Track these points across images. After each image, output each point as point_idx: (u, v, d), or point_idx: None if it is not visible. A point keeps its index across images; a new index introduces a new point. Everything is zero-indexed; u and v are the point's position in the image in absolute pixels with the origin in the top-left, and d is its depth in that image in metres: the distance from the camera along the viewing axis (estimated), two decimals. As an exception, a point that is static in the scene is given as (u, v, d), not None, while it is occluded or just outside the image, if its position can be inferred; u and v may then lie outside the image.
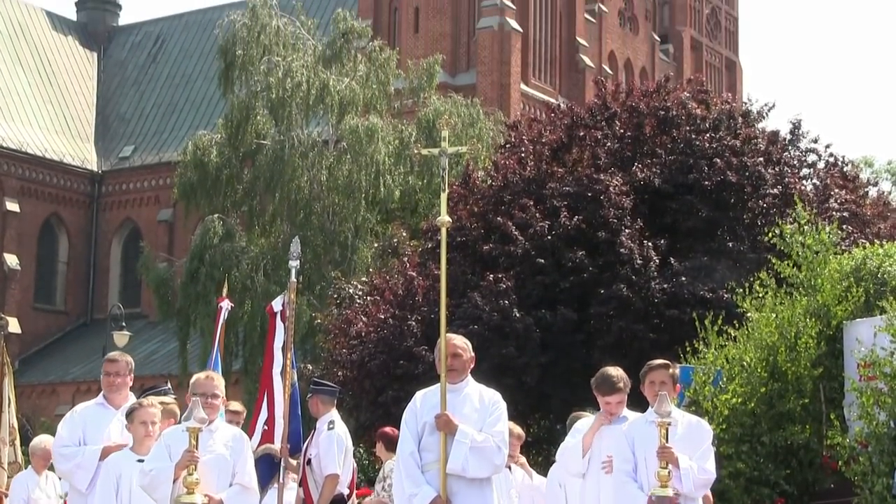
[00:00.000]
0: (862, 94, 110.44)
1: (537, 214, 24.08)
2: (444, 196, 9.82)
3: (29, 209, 55.78)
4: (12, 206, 54.94)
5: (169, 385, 11.68)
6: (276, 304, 11.77)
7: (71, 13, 65.19)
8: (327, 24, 43.17)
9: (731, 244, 24.06)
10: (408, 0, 51.08)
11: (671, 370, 9.45)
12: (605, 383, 9.80)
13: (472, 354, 9.08)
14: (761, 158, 25.16)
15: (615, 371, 9.85)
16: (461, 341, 9.09)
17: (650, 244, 23.59)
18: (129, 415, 9.57)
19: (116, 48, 64.10)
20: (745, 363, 14.62)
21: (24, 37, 60.41)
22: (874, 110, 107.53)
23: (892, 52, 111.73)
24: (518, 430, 11.97)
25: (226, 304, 13.44)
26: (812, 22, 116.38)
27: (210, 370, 10.94)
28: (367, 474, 23.77)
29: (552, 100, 47.49)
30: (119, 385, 10.21)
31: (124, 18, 66.01)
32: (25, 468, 13.58)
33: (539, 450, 22.69)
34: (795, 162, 26.65)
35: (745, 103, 27.83)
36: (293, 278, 11.60)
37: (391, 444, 11.99)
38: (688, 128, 25.41)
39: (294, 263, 11.62)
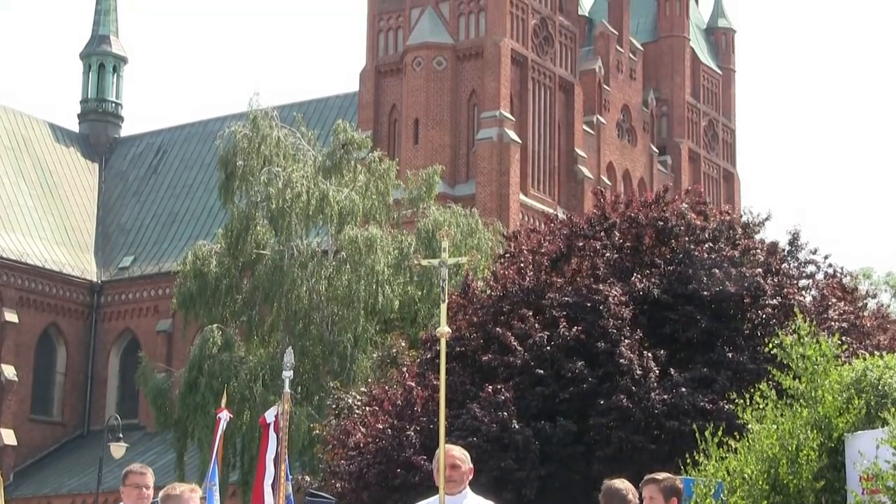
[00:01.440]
0: (860, 206, 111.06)
1: (536, 325, 24.03)
2: (443, 306, 9.81)
3: (27, 320, 55.72)
4: (11, 317, 54.88)
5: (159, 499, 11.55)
6: (269, 415, 11.69)
7: (73, 125, 65.75)
8: (327, 135, 43.48)
9: (730, 355, 23.96)
10: (407, 111, 51.53)
11: (662, 484, 9.32)
12: (616, 497, 9.62)
13: (471, 466, 9.01)
14: (760, 269, 25.16)
15: (622, 484, 9.70)
16: (460, 452, 9.02)
17: (650, 355, 23.51)
18: None
19: (118, 159, 64.52)
20: (746, 475, 14.45)
21: (27, 148, 60.85)
22: (872, 222, 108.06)
23: (889, 164, 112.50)
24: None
25: (224, 415, 13.36)
26: (810, 135, 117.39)
27: (200, 484, 10.81)
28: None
29: (551, 210, 47.69)
30: (148, 497, 10.00)
31: (126, 130, 66.52)
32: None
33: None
34: (794, 273, 26.65)
35: (744, 214, 27.90)
36: (286, 389, 11.54)
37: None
38: (687, 238, 25.45)
39: (287, 374, 11.56)
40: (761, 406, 15.26)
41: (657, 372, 23.43)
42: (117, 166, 64.09)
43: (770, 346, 16.04)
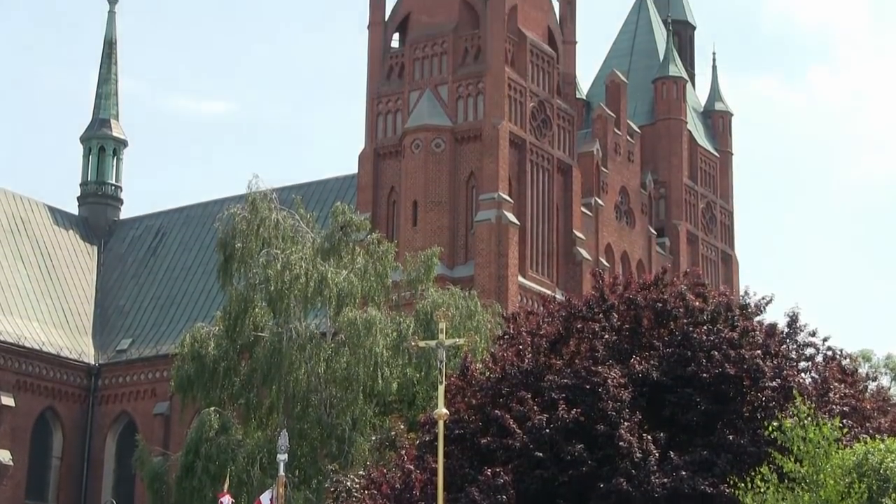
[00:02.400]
0: (859, 289, 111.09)
1: (535, 407, 23.95)
2: (441, 388, 9.78)
3: (24, 403, 55.45)
4: (7, 401, 54.62)
5: None
6: (265, 499, 11.61)
7: (73, 208, 65.90)
8: (326, 217, 43.53)
9: (731, 437, 23.86)
10: (406, 193, 51.68)
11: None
12: None
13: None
14: (759, 351, 25.13)
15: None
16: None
17: (649, 437, 23.41)
18: None
19: (117, 242, 64.59)
20: (748, 560, 14.33)
21: (26, 231, 60.96)
22: (872, 304, 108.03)
23: (888, 246, 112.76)
24: None
25: (227, 500, 13.25)
26: (808, 216, 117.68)
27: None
28: None
29: (549, 292, 47.68)
30: None
31: (126, 212, 66.69)
32: None
33: None
34: (794, 355, 26.62)
35: (743, 296, 27.91)
36: (281, 472, 11.47)
37: None
38: (685, 320, 25.45)
39: (282, 457, 11.49)
40: (763, 490, 15.16)
41: (657, 455, 23.31)
42: (116, 249, 64.14)
43: (770, 429, 15.96)
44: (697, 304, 25.88)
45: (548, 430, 23.48)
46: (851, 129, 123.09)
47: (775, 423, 15.71)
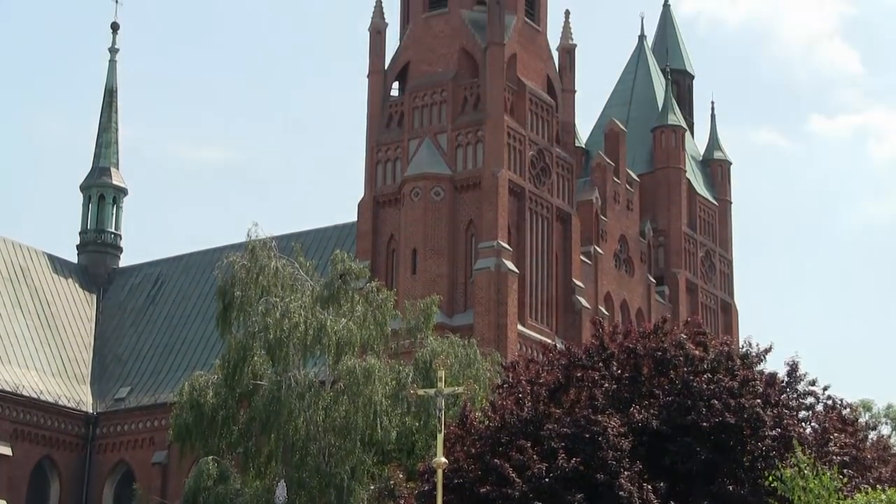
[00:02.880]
0: (860, 337, 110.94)
1: (535, 456, 23.88)
2: (440, 437, 9.74)
3: (21, 452, 55.22)
4: (4, 450, 54.39)
5: None
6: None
7: (72, 256, 65.92)
8: (325, 265, 43.54)
9: (731, 487, 23.79)
10: (405, 241, 51.70)
11: None
12: None
13: None
14: (759, 400, 25.09)
15: None
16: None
17: (650, 487, 23.33)
18: None
19: (116, 290, 64.56)
20: None
21: (25, 280, 60.94)
22: (872, 353, 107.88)
23: (889, 294, 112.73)
24: None
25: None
26: (807, 265, 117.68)
27: None
28: None
29: (549, 340, 47.56)
30: None
31: (125, 260, 66.72)
32: None
33: None
34: (794, 404, 26.59)
35: (744, 346, 27.90)
36: (280, 523, 11.40)
37: None
38: (685, 369, 25.42)
39: (281, 508, 11.43)
40: (763, 540, 15.06)
41: (657, 504, 23.21)
42: (115, 297, 64.10)
43: (771, 478, 15.90)
44: (697, 352, 25.86)
45: (547, 480, 23.40)
46: (850, 176, 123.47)
47: (776, 474, 15.65)
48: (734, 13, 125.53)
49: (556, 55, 56.29)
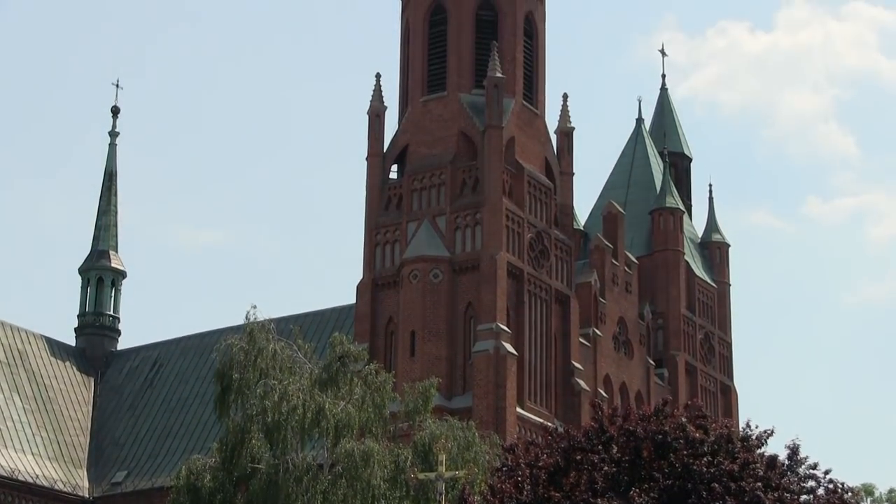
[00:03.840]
0: (861, 420, 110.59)
1: (535, 540, 23.67)
2: (438, 522, 9.63)
3: (18, 537, 54.84)
4: (1, 534, 54.06)
5: None
6: None
7: (70, 339, 65.83)
8: (324, 348, 43.46)
9: (733, 571, 23.57)
10: (404, 324, 51.64)
11: None
12: None
13: None
14: (760, 484, 24.93)
15: None
16: None
17: (651, 571, 23.10)
18: None
19: (114, 373, 64.40)
20: None
21: (23, 363, 60.82)
22: (873, 437, 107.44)
23: (890, 377, 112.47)
24: None
25: None
26: (807, 347, 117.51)
27: None
28: None
29: (548, 423, 47.38)
30: None
31: (123, 343, 66.62)
32: None
33: None
34: (795, 488, 26.41)
35: (744, 429, 27.77)
36: None
37: None
38: (685, 452, 25.28)
39: None
40: None
41: (658, 589, 22.99)
42: (113, 380, 63.92)
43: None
44: (698, 435, 25.74)
45: (547, 564, 23.19)
46: (848, 257, 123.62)
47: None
48: (730, 96, 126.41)
49: (554, 138, 56.59)
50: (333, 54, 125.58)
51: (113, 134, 69.67)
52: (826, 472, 27.09)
